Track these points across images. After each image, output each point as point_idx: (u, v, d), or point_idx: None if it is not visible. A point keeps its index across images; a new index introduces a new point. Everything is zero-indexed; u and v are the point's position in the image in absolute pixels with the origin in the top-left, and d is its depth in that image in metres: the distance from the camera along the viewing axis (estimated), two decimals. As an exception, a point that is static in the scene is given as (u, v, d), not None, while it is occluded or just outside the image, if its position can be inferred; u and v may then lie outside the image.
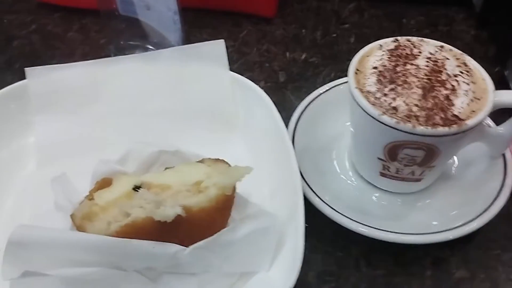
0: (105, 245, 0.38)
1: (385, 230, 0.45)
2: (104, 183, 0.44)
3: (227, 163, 0.45)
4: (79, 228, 0.40)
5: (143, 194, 0.40)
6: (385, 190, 0.50)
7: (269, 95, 0.58)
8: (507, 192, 0.48)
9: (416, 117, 0.41)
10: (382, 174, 0.48)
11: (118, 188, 0.43)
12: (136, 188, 0.42)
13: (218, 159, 0.45)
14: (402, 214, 0.49)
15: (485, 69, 0.46)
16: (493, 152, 0.50)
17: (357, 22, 0.72)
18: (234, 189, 0.43)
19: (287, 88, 0.63)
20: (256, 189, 0.48)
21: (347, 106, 0.47)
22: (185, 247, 0.39)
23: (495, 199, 0.47)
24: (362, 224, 0.45)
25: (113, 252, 0.38)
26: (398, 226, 0.46)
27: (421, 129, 0.40)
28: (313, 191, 0.47)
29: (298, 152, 0.50)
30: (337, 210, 0.46)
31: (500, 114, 0.48)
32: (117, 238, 0.38)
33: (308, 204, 0.46)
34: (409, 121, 0.41)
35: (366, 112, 0.42)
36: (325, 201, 0.47)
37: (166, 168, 0.45)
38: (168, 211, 0.38)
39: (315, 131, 0.54)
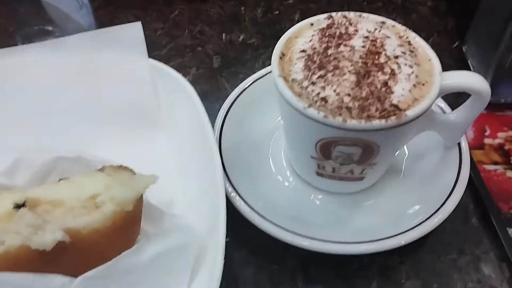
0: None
1: (325, 241, 0.39)
2: (-17, 201, 0.36)
3: (131, 170, 0.38)
4: None
5: (22, 215, 0.33)
6: (327, 191, 0.44)
7: (200, 84, 0.51)
8: (462, 186, 0.41)
9: (348, 109, 0.34)
10: (319, 174, 0.41)
11: (-3, 207, 0.35)
12: (18, 206, 0.35)
13: (121, 166, 0.38)
14: (346, 218, 0.43)
15: (443, 44, 0.40)
16: (447, 141, 0.44)
17: (303, -4, 0.64)
18: (140, 201, 0.36)
19: (222, 75, 0.56)
20: (176, 197, 0.42)
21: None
22: (74, 278, 0.33)
23: (449, 194, 0.41)
24: (298, 235, 0.39)
25: (-17, 289, 0.32)
26: (341, 233, 0.40)
27: (352, 123, 0.34)
28: (242, 198, 0.41)
29: (226, 151, 0.44)
30: (269, 219, 0.40)
31: (458, 97, 0.41)
32: (-14, 272, 0.31)
33: (238, 212, 0.40)
34: (340, 114, 0.34)
35: (290, 105, 0.36)
36: (255, 209, 0.40)
37: (61, 179, 0.38)
38: (46, 238, 0.31)
39: (248, 125, 0.47)
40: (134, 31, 0.47)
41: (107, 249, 0.34)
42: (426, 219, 0.40)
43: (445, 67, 0.38)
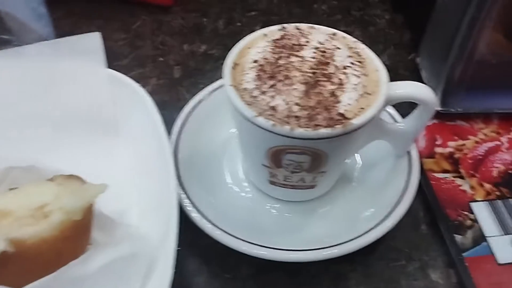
0: None
1: (277, 249, 0.39)
2: None
3: (81, 179, 0.38)
4: None
5: (-34, 226, 0.33)
6: (282, 200, 0.44)
7: (160, 94, 0.51)
8: (411, 192, 0.43)
9: (297, 118, 0.35)
10: (271, 182, 0.42)
11: None
12: (-38, 217, 0.34)
13: (72, 175, 0.38)
14: (300, 226, 0.43)
15: (399, 56, 0.41)
16: (397, 150, 0.45)
17: (265, 8, 0.65)
18: (89, 211, 0.36)
19: (182, 85, 0.56)
20: (130, 206, 0.42)
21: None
22: (17, 289, 0.32)
23: (398, 201, 0.42)
24: (250, 243, 0.39)
25: None
26: (295, 241, 0.41)
27: (299, 131, 0.34)
28: (195, 207, 0.41)
29: (182, 161, 0.44)
30: (221, 228, 0.40)
31: (412, 107, 0.43)
32: None
33: (192, 222, 0.40)
34: (288, 123, 0.35)
35: (241, 114, 0.36)
36: (208, 218, 0.40)
37: (11, 189, 0.38)
38: (-13, 248, 0.31)
39: (205, 135, 0.47)
40: (92, 40, 0.48)
41: (54, 260, 0.34)
42: (377, 225, 0.41)
43: (401, 79, 0.39)
